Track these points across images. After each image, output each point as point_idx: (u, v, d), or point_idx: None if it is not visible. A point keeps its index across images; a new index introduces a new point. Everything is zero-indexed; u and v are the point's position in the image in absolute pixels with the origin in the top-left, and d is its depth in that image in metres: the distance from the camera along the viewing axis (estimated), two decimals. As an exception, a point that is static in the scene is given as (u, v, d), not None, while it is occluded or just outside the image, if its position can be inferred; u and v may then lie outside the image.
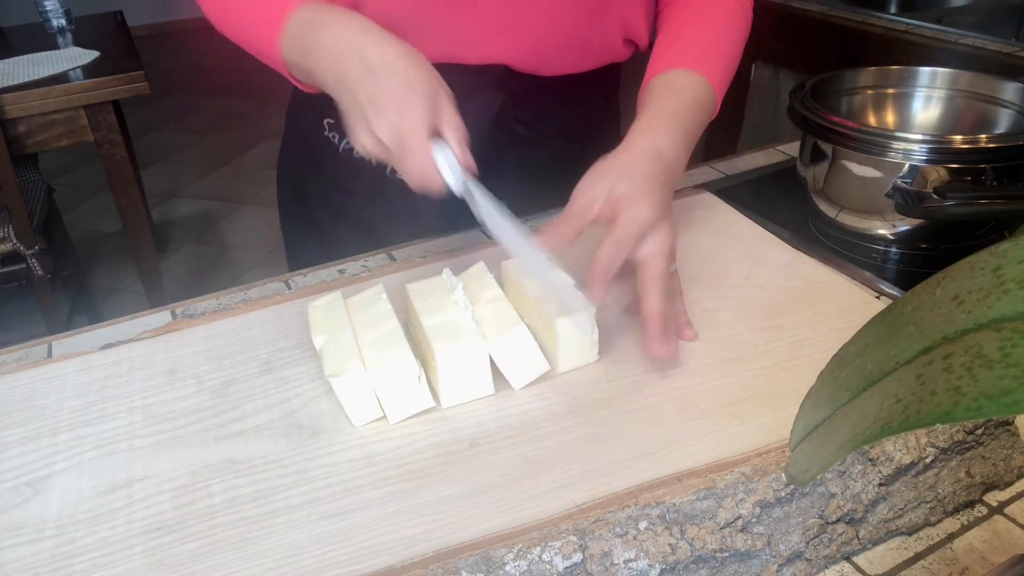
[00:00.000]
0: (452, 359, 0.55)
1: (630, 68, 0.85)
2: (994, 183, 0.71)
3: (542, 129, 0.81)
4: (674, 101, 0.68)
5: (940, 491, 0.50)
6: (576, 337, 0.58)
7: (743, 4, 0.81)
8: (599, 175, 0.61)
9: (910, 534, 0.50)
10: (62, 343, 0.67)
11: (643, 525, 0.44)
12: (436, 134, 0.58)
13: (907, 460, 0.48)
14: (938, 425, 0.34)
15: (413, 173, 0.58)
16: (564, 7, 0.73)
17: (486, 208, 0.59)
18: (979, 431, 0.51)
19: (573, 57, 0.78)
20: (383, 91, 0.57)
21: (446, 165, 0.58)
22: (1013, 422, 0.52)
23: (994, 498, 0.52)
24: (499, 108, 0.77)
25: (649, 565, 0.44)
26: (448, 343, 0.55)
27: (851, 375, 0.29)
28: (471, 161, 0.59)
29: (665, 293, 0.58)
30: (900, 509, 0.49)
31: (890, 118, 0.87)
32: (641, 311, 0.58)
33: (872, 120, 0.87)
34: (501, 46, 0.74)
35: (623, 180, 0.60)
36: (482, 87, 0.75)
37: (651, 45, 0.78)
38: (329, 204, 0.86)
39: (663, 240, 0.59)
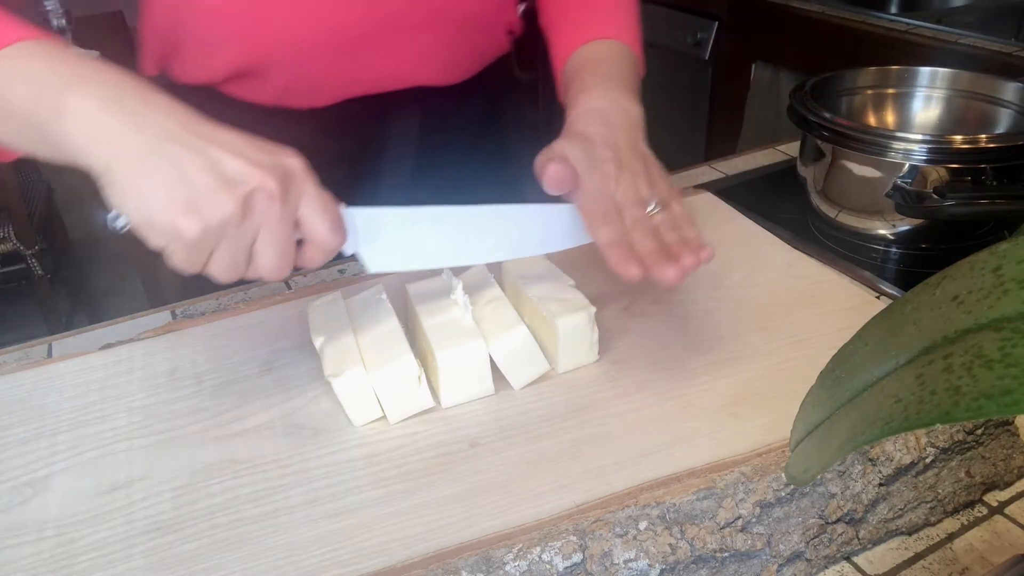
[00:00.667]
0: (452, 360, 0.55)
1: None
2: (994, 183, 0.71)
3: (459, 134, 0.84)
4: (611, 66, 0.67)
5: (940, 491, 0.50)
6: (576, 337, 0.58)
7: None
8: (582, 150, 0.58)
9: (910, 534, 0.50)
10: (62, 343, 0.67)
11: (643, 525, 0.44)
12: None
13: (907, 460, 0.48)
14: (938, 425, 0.34)
15: (326, 221, 0.49)
16: (456, 21, 0.75)
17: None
18: (979, 431, 0.51)
19: (471, 64, 0.80)
20: (225, 138, 0.48)
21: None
22: (1013, 422, 0.52)
23: (994, 498, 0.52)
24: (420, 125, 0.79)
25: (649, 565, 0.44)
26: (448, 344, 0.55)
27: (851, 375, 0.29)
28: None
29: (645, 230, 0.55)
30: (900, 509, 0.49)
31: (890, 118, 0.87)
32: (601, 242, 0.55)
33: (872, 120, 0.87)
34: (412, 70, 0.75)
35: (572, 149, 0.57)
36: (397, 111, 0.77)
37: (526, 13, 0.81)
38: None
39: (622, 194, 0.57)
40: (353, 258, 0.70)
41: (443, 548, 0.45)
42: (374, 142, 0.79)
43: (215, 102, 0.74)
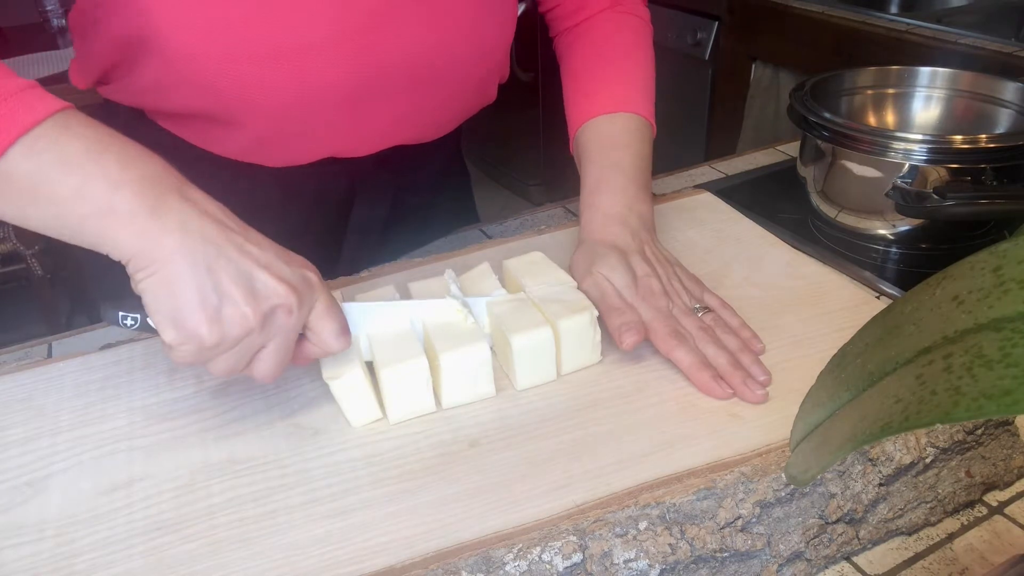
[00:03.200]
0: (456, 361, 0.54)
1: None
2: (994, 183, 0.71)
3: (427, 177, 0.81)
4: (627, 157, 0.69)
5: (940, 491, 0.50)
6: (578, 338, 0.57)
7: (641, 15, 0.82)
8: (589, 272, 0.62)
9: (910, 534, 0.50)
10: (62, 343, 0.67)
11: (643, 525, 0.44)
12: None
13: (907, 460, 0.48)
14: (938, 425, 0.34)
15: (334, 330, 0.51)
16: (451, 83, 0.71)
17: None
18: (979, 431, 0.51)
19: (456, 120, 0.78)
20: (253, 241, 0.49)
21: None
22: (1013, 422, 0.53)
23: (994, 498, 0.52)
24: (396, 184, 0.76)
25: (649, 565, 0.44)
26: (452, 345, 0.55)
27: (851, 375, 0.29)
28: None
29: (687, 337, 0.58)
30: (900, 509, 0.49)
31: (890, 118, 0.87)
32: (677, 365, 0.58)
33: (872, 120, 0.87)
34: (397, 132, 0.72)
35: (614, 276, 0.61)
36: (371, 172, 0.74)
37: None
38: None
39: (654, 306, 0.60)
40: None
41: (443, 548, 0.45)
42: (343, 204, 0.76)
43: (152, 138, 0.67)
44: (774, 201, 0.84)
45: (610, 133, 0.70)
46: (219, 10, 0.58)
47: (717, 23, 1.78)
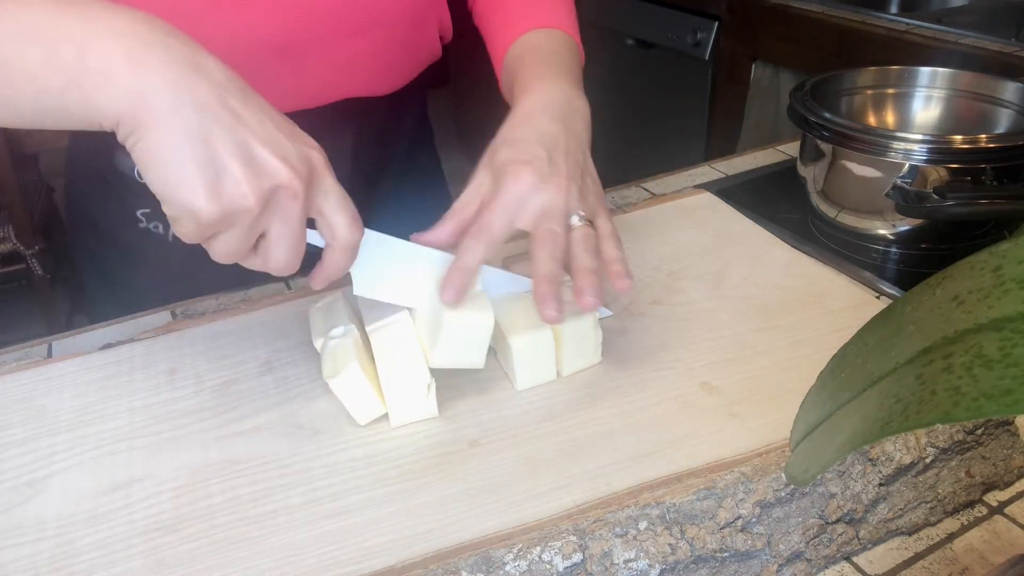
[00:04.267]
0: (459, 322, 0.54)
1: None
2: (994, 183, 0.71)
3: (394, 147, 0.81)
4: (556, 56, 0.66)
5: (940, 491, 0.50)
6: (580, 339, 0.57)
7: None
8: (484, 163, 0.58)
9: (910, 534, 0.50)
10: (62, 343, 0.67)
11: (643, 525, 0.44)
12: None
13: (907, 460, 0.48)
14: (938, 425, 0.34)
15: (346, 216, 0.48)
16: (388, 25, 0.70)
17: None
18: (979, 431, 0.51)
19: (405, 71, 0.77)
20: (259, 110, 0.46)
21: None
22: (1013, 422, 0.53)
23: (994, 498, 0.52)
24: (354, 139, 0.75)
25: (649, 565, 0.44)
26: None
27: (851, 375, 0.29)
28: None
29: (554, 254, 0.54)
30: (900, 509, 0.49)
31: (890, 118, 0.87)
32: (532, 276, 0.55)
33: (872, 120, 0.87)
34: (342, 81, 0.71)
35: (500, 152, 0.57)
36: (332, 123, 0.73)
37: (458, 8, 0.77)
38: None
39: (546, 200, 0.55)
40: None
41: (443, 548, 0.45)
42: None
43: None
44: (774, 201, 0.84)
45: (537, 44, 0.67)
46: None
47: (717, 23, 1.78)
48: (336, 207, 0.48)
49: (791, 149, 0.98)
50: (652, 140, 2.03)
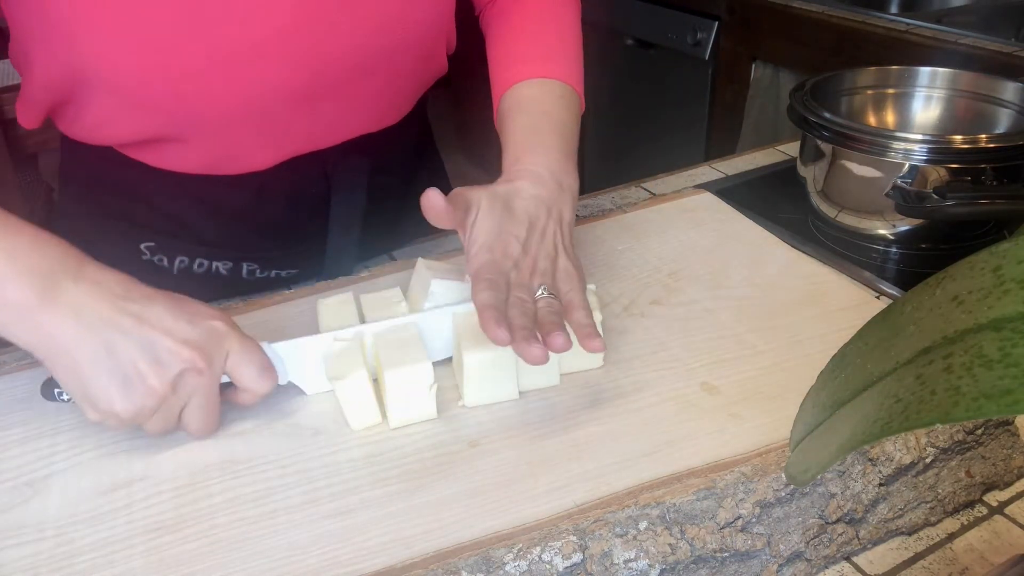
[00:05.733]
0: (479, 362, 0.54)
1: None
2: (994, 183, 0.71)
3: (401, 165, 0.80)
4: (554, 121, 0.65)
5: (940, 491, 0.50)
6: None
7: None
8: (467, 199, 0.57)
9: (910, 534, 0.50)
10: (62, 343, 0.67)
11: (643, 525, 0.44)
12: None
13: (907, 460, 0.48)
14: (938, 425, 0.34)
15: (252, 370, 0.53)
16: (402, 61, 0.69)
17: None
18: (979, 431, 0.51)
19: (414, 96, 0.77)
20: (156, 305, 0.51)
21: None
22: (1013, 422, 0.53)
23: (994, 498, 0.52)
24: (370, 171, 0.74)
25: (649, 565, 0.44)
26: (474, 346, 0.55)
27: (851, 375, 0.29)
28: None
29: (525, 313, 0.53)
30: (900, 509, 0.49)
31: (890, 118, 0.87)
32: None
33: (872, 120, 0.87)
34: (354, 121, 0.70)
35: (480, 235, 0.56)
36: (347, 159, 0.72)
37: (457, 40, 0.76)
38: None
39: (515, 278, 0.55)
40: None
41: (443, 548, 0.45)
42: (320, 199, 0.74)
43: (115, 163, 0.68)
44: (774, 201, 0.84)
45: (531, 96, 0.66)
46: (146, 30, 0.57)
47: (717, 23, 1.78)
48: (243, 365, 0.53)
49: (791, 149, 0.98)
50: (652, 140, 2.03)
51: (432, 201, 0.56)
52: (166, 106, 0.61)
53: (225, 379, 0.54)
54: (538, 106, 0.66)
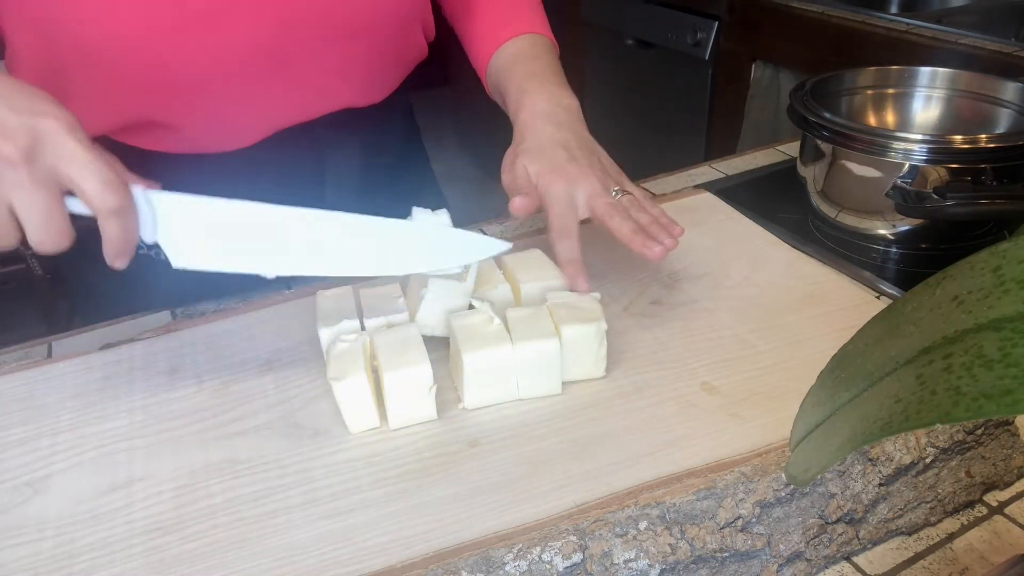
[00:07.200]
0: (477, 363, 0.54)
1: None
2: (994, 183, 0.71)
3: (388, 145, 0.82)
4: (539, 63, 0.73)
5: (940, 491, 0.50)
6: (581, 348, 0.57)
7: None
8: (516, 159, 0.65)
9: (910, 534, 0.50)
10: (62, 343, 0.67)
11: (643, 525, 0.44)
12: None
13: (907, 460, 0.48)
14: (938, 425, 0.34)
15: (94, 182, 0.48)
16: (371, 29, 0.71)
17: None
18: (979, 431, 0.51)
19: (395, 75, 0.78)
20: None
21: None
22: (1013, 422, 0.52)
23: (994, 498, 0.52)
24: (361, 149, 0.77)
25: (649, 565, 0.44)
26: (476, 346, 0.55)
27: (851, 375, 0.29)
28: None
29: (624, 216, 0.62)
30: (900, 509, 0.49)
31: (890, 118, 0.87)
32: (620, 240, 0.62)
33: (872, 120, 0.87)
34: (335, 90, 0.72)
35: (523, 162, 0.64)
36: (338, 135, 0.74)
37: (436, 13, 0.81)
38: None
39: (586, 188, 0.63)
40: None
41: (443, 548, 0.45)
42: (313, 174, 0.75)
43: (116, 155, 0.69)
44: (774, 201, 0.84)
45: (517, 52, 0.74)
46: None
47: (717, 23, 1.78)
48: (81, 173, 0.47)
49: (791, 149, 0.98)
50: (652, 140, 2.03)
51: (520, 207, 0.63)
52: (143, 75, 0.62)
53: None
54: (523, 58, 0.74)
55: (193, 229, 0.51)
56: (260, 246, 0.53)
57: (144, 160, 0.68)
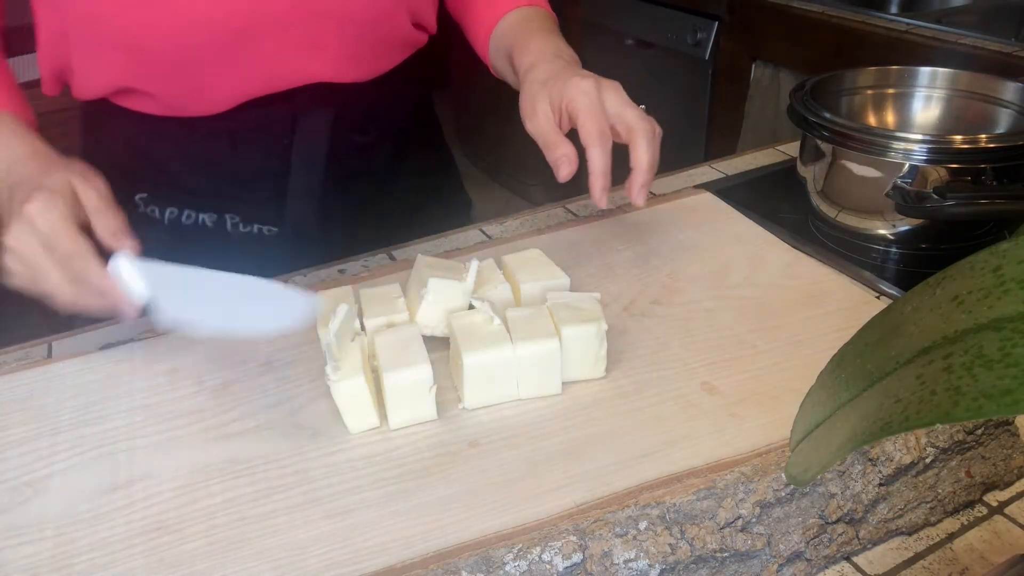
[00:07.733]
0: (477, 363, 0.54)
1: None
2: (994, 183, 0.71)
3: (378, 131, 0.82)
4: (542, 24, 0.76)
5: (940, 491, 0.50)
6: (581, 349, 0.57)
7: None
8: (535, 99, 0.66)
9: (910, 534, 0.50)
10: (62, 343, 0.67)
11: (643, 525, 0.44)
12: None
13: (907, 460, 0.48)
14: (938, 425, 0.34)
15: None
16: (356, 18, 0.73)
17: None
18: (979, 431, 0.51)
19: (379, 58, 0.79)
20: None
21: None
22: (1013, 422, 0.52)
23: (994, 498, 0.52)
24: (332, 121, 0.77)
25: (649, 565, 0.44)
26: (475, 346, 0.54)
27: (851, 375, 0.29)
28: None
29: (653, 144, 0.66)
30: (900, 509, 0.49)
31: (890, 118, 0.87)
32: (632, 161, 0.64)
33: (872, 120, 0.87)
34: (307, 64, 0.73)
35: (538, 77, 0.67)
36: (307, 107, 0.76)
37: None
38: None
39: (616, 98, 0.65)
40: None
41: (443, 548, 0.45)
42: (284, 137, 0.77)
43: (112, 116, 0.76)
44: (774, 201, 0.84)
45: (518, 18, 0.78)
46: None
47: (717, 23, 1.78)
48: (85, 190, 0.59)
49: (791, 149, 0.98)
50: (652, 140, 2.03)
51: (567, 173, 0.63)
52: (119, 45, 0.68)
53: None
54: (524, 21, 0.77)
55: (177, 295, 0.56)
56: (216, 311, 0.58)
57: (139, 124, 0.75)
